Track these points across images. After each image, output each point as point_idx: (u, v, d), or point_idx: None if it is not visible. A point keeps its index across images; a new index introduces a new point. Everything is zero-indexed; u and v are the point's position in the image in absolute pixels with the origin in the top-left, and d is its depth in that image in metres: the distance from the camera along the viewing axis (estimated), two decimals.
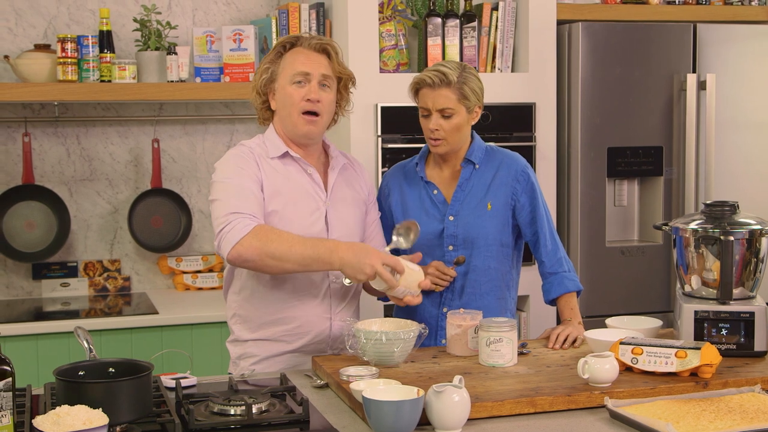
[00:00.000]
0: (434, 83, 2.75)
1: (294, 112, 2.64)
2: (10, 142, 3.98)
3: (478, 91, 2.80)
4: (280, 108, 2.68)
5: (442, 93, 2.76)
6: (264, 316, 2.68)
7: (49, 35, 3.96)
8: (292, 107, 2.64)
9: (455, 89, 2.75)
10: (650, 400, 2.18)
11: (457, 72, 2.76)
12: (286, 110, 2.65)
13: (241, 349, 2.71)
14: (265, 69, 2.69)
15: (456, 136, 2.80)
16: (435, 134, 2.78)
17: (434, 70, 2.77)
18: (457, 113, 2.77)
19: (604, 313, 3.48)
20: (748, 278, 2.59)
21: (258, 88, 2.69)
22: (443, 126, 2.77)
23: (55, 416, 1.84)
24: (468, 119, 2.81)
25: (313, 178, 2.69)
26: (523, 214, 2.86)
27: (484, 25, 3.89)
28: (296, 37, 2.69)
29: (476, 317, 2.60)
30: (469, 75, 2.79)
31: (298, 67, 2.63)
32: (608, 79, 3.89)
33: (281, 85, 2.66)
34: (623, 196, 4.04)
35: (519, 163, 2.89)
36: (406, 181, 2.94)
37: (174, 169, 4.17)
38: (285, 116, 2.67)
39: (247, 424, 2.06)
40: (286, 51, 2.68)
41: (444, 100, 2.76)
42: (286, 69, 2.65)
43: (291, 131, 2.67)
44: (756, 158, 4.09)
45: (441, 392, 2.02)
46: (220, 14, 4.18)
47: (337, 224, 2.69)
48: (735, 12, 4.17)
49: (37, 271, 4.01)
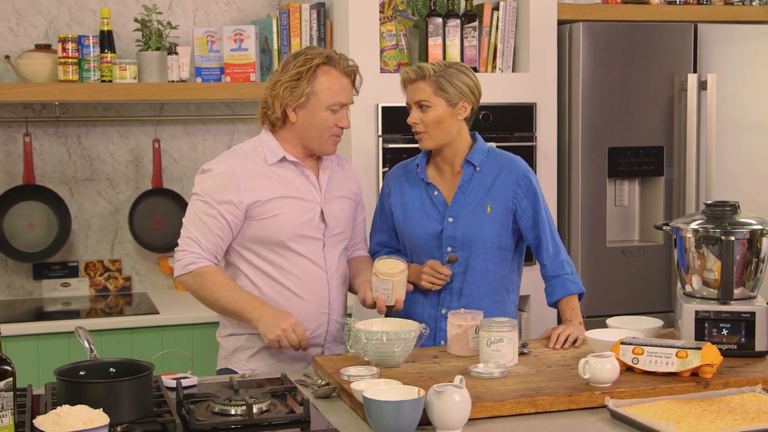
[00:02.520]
0: (410, 78, 2.80)
1: (325, 134, 2.73)
2: (11, 142, 3.98)
3: (461, 85, 2.79)
4: (308, 127, 2.71)
5: (418, 86, 2.79)
6: None
7: (49, 35, 3.96)
8: (324, 131, 2.72)
9: (430, 82, 2.77)
10: (651, 400, 2.18)
11: (437, 67, 2.79)
12: (315, 131, 2.71)
13: (236, 342, 2.76)
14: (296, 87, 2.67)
15: (437, 130, 2.80)
16: (415, 128, 2.82)
17: (415, 66, 2.82)
18: (434, 106, 2.78)
19: (604, 313, 3.47)
20: (749, 278, 2.59)
21: (283, 100, 2.69)
22: (422, 119, 2.79)
23: (56, 416, 1.84)
24: (451, 113, 2.80)
25: (309, 180, 2.76)
26: (524, 218, 2.85)
27: (484, 25, 3.89)
28: (328, 56, 2.71)
29: (477, 317, 2.60)
30: (453, 71, 2.80)
31: (337, 98, 2.70)
32: (609, 79, 3.89)
33: (315, 107, 2.69)
34: (624, 196, 4.04)
35: (521, 167, 2.89)
36: (407, 182, 2.94)
37: (175, 169, 4.17)
38: (312, 135, 2.72)
39: (248, 424, 2.06)
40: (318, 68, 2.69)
41: (419, 93, 2.78)
42: (323, 95, 2.68)
43: (314, 147, 2.75)
44: (757, 158, 4.09)
45: (442, 392, 2.02)
46: (221, 14, 4.18)
47: (332, 220, 2.78)
48: (736, 12, 4.17)
49: (38, 271, 4.01)
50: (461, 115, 2.82)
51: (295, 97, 2.67)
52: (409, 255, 2.91)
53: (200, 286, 2.67)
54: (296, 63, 2.69)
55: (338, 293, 2.80)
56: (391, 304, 2.70)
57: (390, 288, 2.69)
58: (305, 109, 2.69)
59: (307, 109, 2.69)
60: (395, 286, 2.69)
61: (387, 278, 2.69)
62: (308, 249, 2.72)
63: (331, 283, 2.76)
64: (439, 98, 2.77)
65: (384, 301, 2.69)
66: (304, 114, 2.70)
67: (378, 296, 2.70)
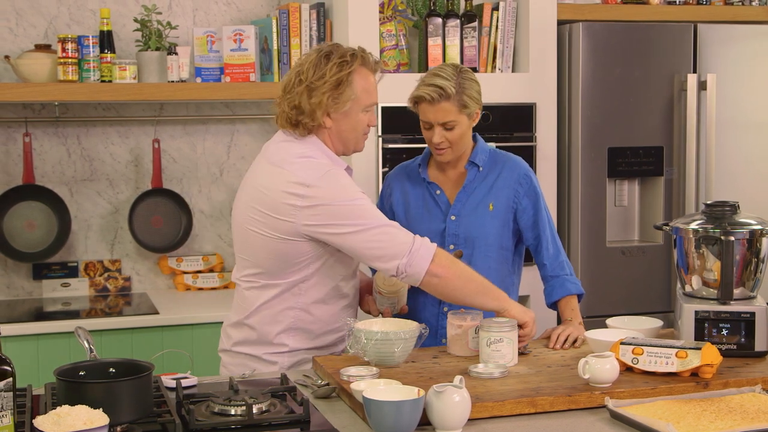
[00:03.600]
0: (433, 99, 2.73)
1: (360, 134, 2.68)
2: (11, 142, 3.98)
3: (477, 96, 2.79)
4: (346, 129, 2.64)
5: (443, 107, 2.74)
6: (323, 326, 2.69)
7: (49, 35, 3.96)
8: (360, 131, 2.67)
9: (455, 101, 2.73)
10: (651, 401, 2.18)
11: (454, 82, 2.74)
12: (353, 133, 2.65)
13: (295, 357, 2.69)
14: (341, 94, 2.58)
15: (460, 143, 2.81)
16: (440, 146, 2.79)
17: (431, 86, 2.74)
18: (459, 123, 2.76)
19: (604, 314, 3.47)
20: (749, 278, 2.59)
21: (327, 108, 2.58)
22: (447, 137, 2.77)
23: (56, 416, 1.84)
24: (469, 125, 2.81)
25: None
26: (525, 217, 2.86)
27: (484, 25, 3.89)
28: (362, 57, 2.63)
29: (477, 317, 2.60)
30: (466, 81, 2.77)
31: (372, 98, 2.66)
32: (609, 79, 3.89)
33: (353, 111, 2.62)
34: (624, 196, 4.04)
35: (522, 166, 2.90)
36: (408, 181, 2.94)
37: (174, 169, 4.17)
38: (350, 138, 2.66)
39: (248, 424, 2.06)
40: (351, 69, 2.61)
41: (445, 114, 2.74)
42: (361, 97, 2.62)
43: (350, 148, 2.69)
44: (756, 158, 4.09)
45: (441, 392, 2.02)
46: (221, 14, 4.18)
47: None
48: (735, 12, 4.17)
49: (38, 272, 4.01)
50: (475, 122, 2.84)
51: (341, 105, 2.59)
52: None
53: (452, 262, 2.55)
54: (332, 67, 2.58)
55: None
56: (397, 312, 2.77)
57: (396, 302, 2.75)
58: (343, 113, 2.62)
59: (345, 113, 2.62)
60: (401, 299, 2.75)
61: (392, 295, 2.74)
62: None
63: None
64: (462, 115, 2.76)
65: (391, 313, 2.75)
66: (339, 117, 2.62)
67: (384, 309, 2.74)
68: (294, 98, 2.59)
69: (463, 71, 2.79)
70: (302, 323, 2.64)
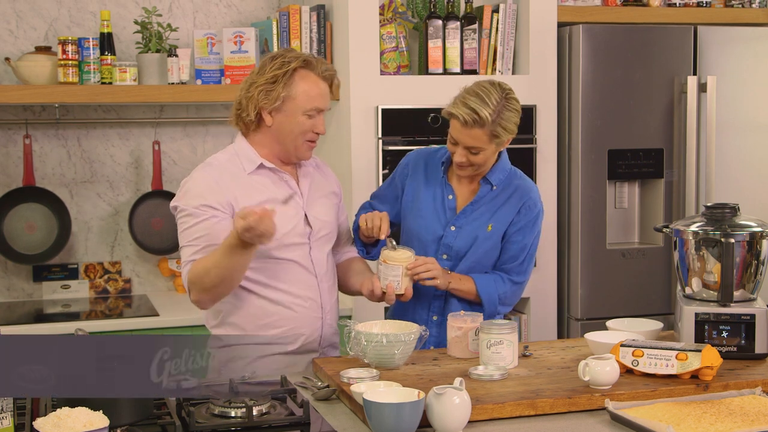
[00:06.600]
0: (466, 123, 2.67)
1: (300, 138, 2.68)
2: (11, 144, 3.98)
3: (512, 127, 2.71)
4: (284, 131, 2.67)
5: (473, 133, 2.68)
6: (256, 321, 2.69)
7: (49, 37, 3.96)
8: (299, 135, 2.67)
9: (488, 130, 2.67)
10: (651, 403, 2.18)
11: (493, 109, 2.65)
12: (291, 135, 2.67)
13: (231, 352, 2.71)
14: (272, 90, 2.63)
15: (483, 166, 2.78)
16: (461, 164, 2.76)
17: (469, 108, 2.65)
18: (485, 150, 2.73)
19: (604, 315, 3.48)
20: (749, 280, 2.59)
21: (257, 103, 2.65)
22: (470, 159, 2.74)
23: (56, 418, 1.84)
24: (496, 150, 2.76)
25: (289, 185, 2.72)
26: (511, 230, 2.84)
27: (484, 27, 3.89)
28: (306, 60, 2.66)
29: (477, 319, 2.60)
30: (507, 110, 2.68)
31: (314, 103, 2.65)
32: (609, 81, 3.89)
33: (291, 112, 2.65)
34: (624, 198, 4.04)
35: (531, 197, 2.86)
36: (426, 173, 2.91)
37: (175, 171, 4.17)
38: (288, 140, 2.68)
39: (248, 426, 2.06)
40: (295, 72, 2.65)
41: (474, 140, 2.69)
42: (299, 99, 2.64)
43: (288, 153, 2.70)
44: (756, 160, 4.09)
45: (441, 394, 2.02)
46: (221, 16, 4.18)
47: (317, 223, 2.75)
48: (735, 14, 4.17)
49: (38, 273, 4.01)
50: (504, 147, 2.80)
51: (270, 101, 2.63)
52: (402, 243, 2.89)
53: (199, 278, 2.57)
54: (273, 66, 2.65)
55: (330, 295, 2.78)
56: (401, 292, 2.69)
57: (399, 274, 2.68)
58: (281, 113, 2.65)
59: (284, 113, 2.65)
60: (405, 273, 2.69)
61: (397, 263, 2.68)
62: (294, 254, 2.69)
63: (321, 285, 2.74)
64: (491, 144, 2.71)
65: (394, 290, 2.68)
66: (280, 118, 2.66)
67: (387, 284, 2.68)
68: (238, 94, 2.71)
69: (508, 98, 2.70)
70: (234, 317, 2.72)
